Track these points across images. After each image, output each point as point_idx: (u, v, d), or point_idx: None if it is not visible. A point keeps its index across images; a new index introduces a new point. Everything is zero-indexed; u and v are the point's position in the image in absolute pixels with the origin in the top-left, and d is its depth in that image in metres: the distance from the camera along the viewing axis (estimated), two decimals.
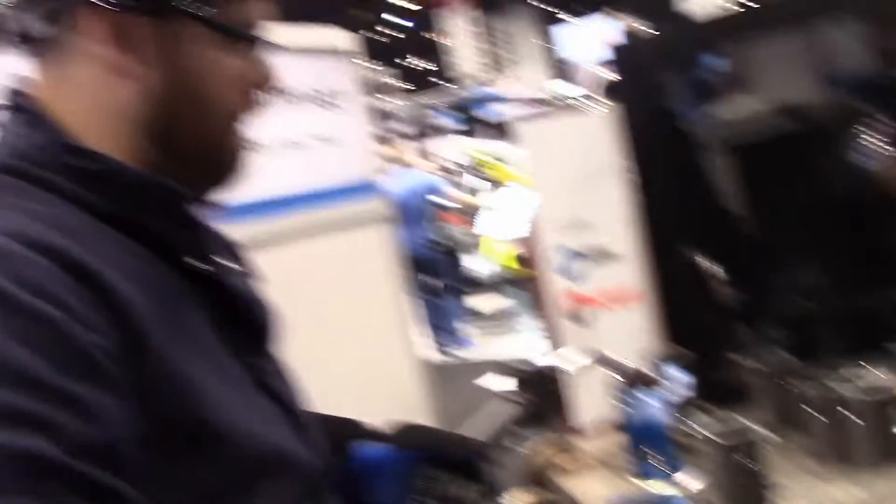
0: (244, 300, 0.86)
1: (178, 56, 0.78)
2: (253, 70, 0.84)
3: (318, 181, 2.70)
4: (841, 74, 1.91)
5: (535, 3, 21.40)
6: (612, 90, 2.01)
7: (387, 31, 22.54)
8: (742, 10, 2.24)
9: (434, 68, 23.41)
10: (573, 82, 14.44)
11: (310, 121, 2.68)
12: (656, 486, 1.58)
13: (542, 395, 1.16)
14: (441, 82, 21.69)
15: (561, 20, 20.87)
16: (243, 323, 0.85)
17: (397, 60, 24.69)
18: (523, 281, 5.28)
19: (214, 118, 0.81)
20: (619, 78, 1.86)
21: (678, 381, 1.74)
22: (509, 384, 1.19)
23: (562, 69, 17.04)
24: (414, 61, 26.01)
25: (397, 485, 0.94)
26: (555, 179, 1.92)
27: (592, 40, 14.69)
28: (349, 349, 2.64)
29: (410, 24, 21.87)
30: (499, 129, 9.18)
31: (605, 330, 1.93)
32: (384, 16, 20.92)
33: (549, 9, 22.19)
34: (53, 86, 0.80)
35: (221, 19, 0.79)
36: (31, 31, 0.78)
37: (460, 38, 18.64)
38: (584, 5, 22.55)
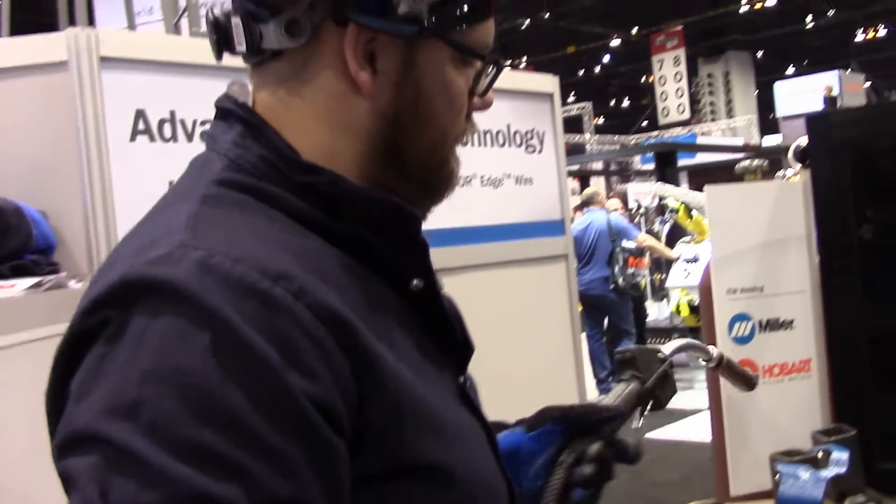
0: (451, 317, 0.83)
1: (417, 75, 0.77)
2: (479, 92, 0.83)
3: (508, 216, 2.81)
4: None
5: (759, 54, 20.77)
6: (804, 156, 1.99)
7: (595, 72, 22.56)
8: None
9: (640, 110, 23.19)
10: (784, 139, 13.93)
11: (507, 159, 2.80)
12: None
13: (653, 374, 1.09)
14: (645, 124, 21.47)
15: (784, 74, 20.17)
16: (450, 340, 0.83)
17: (607, 101, 24.65)
18: (699, 333, 5.18)
19: (442, 138, 0.80)
20: (811, 147, 1.85)
21: (842, 462, 1.70)
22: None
23: (775, 124, 16.47)
24: (620, 102, 25.86)
25: (537, 462, 0.91)
26: (737, 239, 1.93)
27: (812, 96, 14.10)
28: (515, 382, 2.73)
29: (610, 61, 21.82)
30: (698, 177, 9.00)
31: (770, 399, 1.92)
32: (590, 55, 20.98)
33: (773, 61, 21.47)
34: (278, 98, 0.78)
35: (462, 40, 0.78)
36: (266, 41, 0.75)
37: (672, 81, 18.38)
38: (813, 61, 21.69)
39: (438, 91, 0.78)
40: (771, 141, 17.28)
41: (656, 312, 9.99)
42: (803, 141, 2.07)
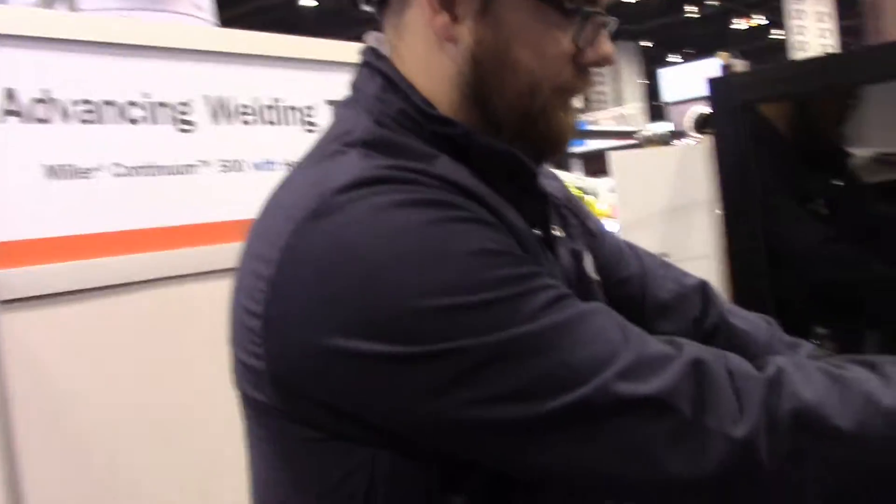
0: (571, 273, 0.89)
1: (494, 21, 0.79)
2: (586, 48, 0.82)
3: None
4: None
5: (643, 43, 21.32)
6: (705, 123, 2.00)
7: None
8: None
9: None
10: (672, 124, 14.31)
11: None
12: None
13: None
14: None
15: (667, 62, 20.77)
16: None
17: None
18: None
19: (530, 87, 0.81)
20: (714, 110, 1.85)
21: None
22: None
23: (662, 110, 16.93)
24: None
25: None
26: (643, 211, 1.92)
27: (695, 82, 14.54)
28: None
29: None
30: (591, 164, 9.14)
31: None
32: None
33: (657, 50, 22.09)
34: (393, 45, 0.84)
35: None
36: None
37: None
38: (694, 50, 22.42)
39: (520, 38, 0.79)
40: (658, 127, 17.73)
41: None
42: (701, 109, 2.08)
